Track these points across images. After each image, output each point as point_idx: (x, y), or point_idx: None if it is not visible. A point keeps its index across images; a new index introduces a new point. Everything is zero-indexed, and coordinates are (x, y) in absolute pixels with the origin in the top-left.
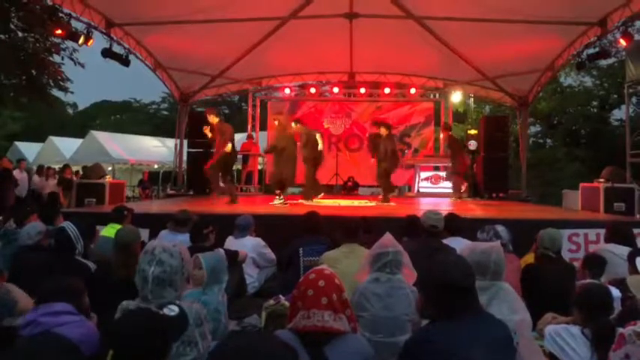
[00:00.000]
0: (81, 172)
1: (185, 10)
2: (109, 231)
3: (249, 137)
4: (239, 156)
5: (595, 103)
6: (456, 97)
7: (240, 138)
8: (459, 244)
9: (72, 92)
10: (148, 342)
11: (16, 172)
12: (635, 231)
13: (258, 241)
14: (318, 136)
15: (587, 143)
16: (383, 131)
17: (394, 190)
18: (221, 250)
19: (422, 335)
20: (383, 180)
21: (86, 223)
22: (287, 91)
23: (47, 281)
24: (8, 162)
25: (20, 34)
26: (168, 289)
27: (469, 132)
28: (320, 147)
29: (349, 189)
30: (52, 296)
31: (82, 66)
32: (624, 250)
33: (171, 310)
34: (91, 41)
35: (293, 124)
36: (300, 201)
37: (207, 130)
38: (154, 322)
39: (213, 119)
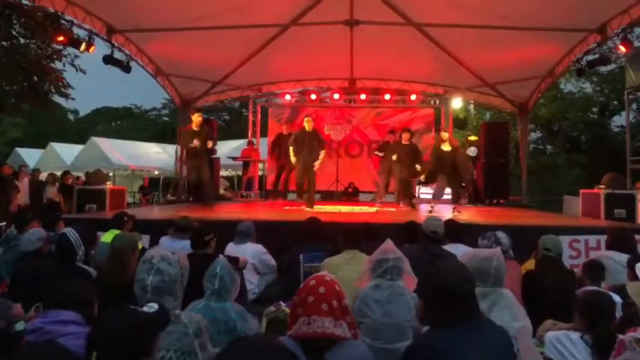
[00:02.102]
0: (84, 179)
1: (186, 17)
2: (109, 237)
3: (250, 143)
4: (239, 162)
5: (595, 109)
6: (457, 103)
7: (240, 144)
8: (459, 250)
9: (73, 99)
10: (124, 339)
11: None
12: (637, 237)
13: (259, 247)
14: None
15: (587, 149)
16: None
17: None
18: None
19: (422, 342)
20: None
21: (87, 229)
22: (288, 97)
23: (59, 286)
24: (9, 168)
25: (22, 40)
26: (167, 297)
27: (469, 138)
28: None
29: (349, 195)
30: (62, 303)
31: (84, 72)
32: (625, 258)
33: (151, 307)
34: (93, 48)
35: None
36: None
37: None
38: (130, 319)
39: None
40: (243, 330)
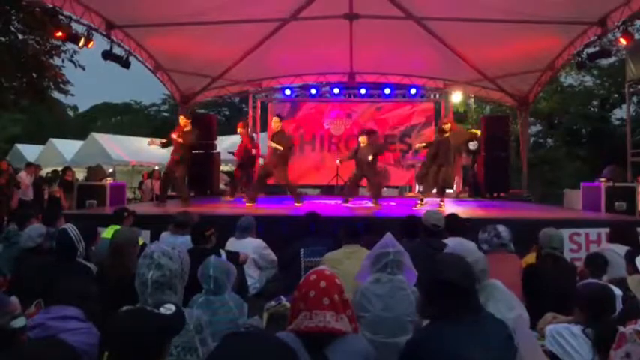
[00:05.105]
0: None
1: (185, 12)
2: (109, 233)
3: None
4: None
5: (595, 102)
6: (457, 97)
7: (239, 140)
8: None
9: (72, 95)
10: (142, 341)
11: (22, 175)
12: (639, 230)
13: (259, 242)
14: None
15: (587, 143)
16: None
17: None
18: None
19: (423, 335)
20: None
21: (87, 225)
22: (287, 92)
23: (61, 282)
24: (7, 164)
25: (20, 36)
26: (167, 292)
27: (473, 131)
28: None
29: None
30: (63, 299)
31: (83, 68)
32: None
33: (168, 309)
34: (92, 43)
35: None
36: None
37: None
38: (149, 321)
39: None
40: (241, 319)
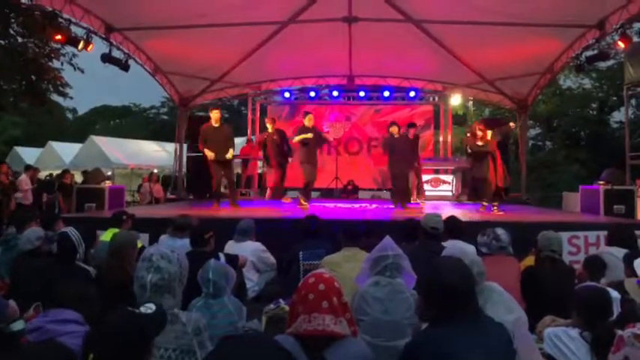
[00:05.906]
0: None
1: (185, 15)
2: (108, 236)
3: (249, 141)
4: (238, 160)
5: (594, 105)
6: (456, 99)
7: (239, 142)
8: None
9: (71, 98)
10: (124, 341)
11: (23, 178)
12: (637, 233)
13: (258, 245)
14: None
15: (586, 145)
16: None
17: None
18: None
19: (422, 339)
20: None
21: (86, 228)
22: (286, 94)
23: (59, 285)
24: (6, 167)
25: (20, 39)
26: (166, 295)
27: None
28: None
29: (349, 192)
30: (62, 302)
31: (82, 71)
32: None
33: (148, 309)
34: (91, 46)
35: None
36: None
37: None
38: (130, 322)
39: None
40: (240, 322)
